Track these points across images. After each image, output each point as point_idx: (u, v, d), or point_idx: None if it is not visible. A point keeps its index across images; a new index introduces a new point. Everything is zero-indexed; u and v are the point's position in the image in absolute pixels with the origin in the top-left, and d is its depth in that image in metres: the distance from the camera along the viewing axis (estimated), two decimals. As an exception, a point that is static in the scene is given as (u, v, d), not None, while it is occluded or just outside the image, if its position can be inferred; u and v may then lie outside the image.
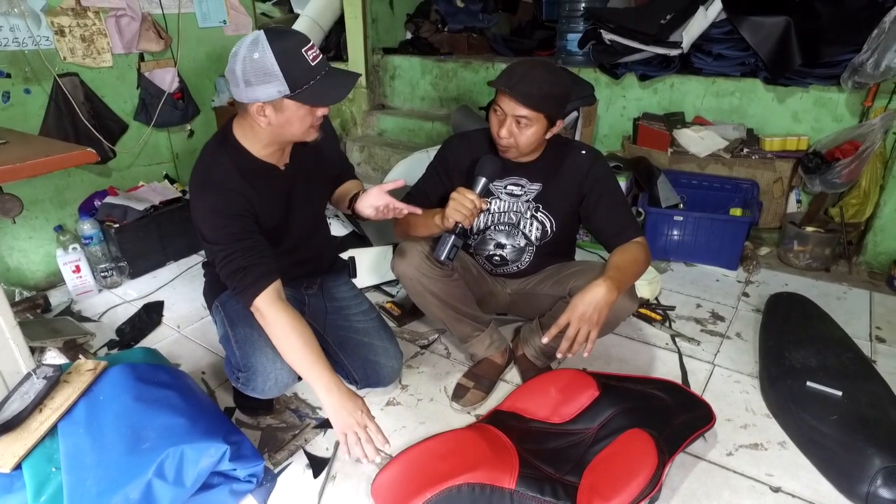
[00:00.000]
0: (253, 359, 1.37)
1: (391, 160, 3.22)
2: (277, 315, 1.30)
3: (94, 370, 1.43)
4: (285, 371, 1.38)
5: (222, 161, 1.35)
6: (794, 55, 2.32)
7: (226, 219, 1.31)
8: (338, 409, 1.28)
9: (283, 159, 1.43)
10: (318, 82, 1.23)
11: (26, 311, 2.09)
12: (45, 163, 1.33)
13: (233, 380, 1.43)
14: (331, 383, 1.30)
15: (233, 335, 1.42)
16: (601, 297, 1.32)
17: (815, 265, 2.40)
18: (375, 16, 3.44)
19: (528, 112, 1.40)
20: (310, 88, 1.22)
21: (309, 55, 1.21)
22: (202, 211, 1.32)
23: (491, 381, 1.69)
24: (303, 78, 1.21)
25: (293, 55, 1.20)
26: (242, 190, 1.33)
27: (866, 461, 1.30)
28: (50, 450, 1.24)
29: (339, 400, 1.29)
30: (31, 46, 2.11)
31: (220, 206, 1.30)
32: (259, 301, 1.30)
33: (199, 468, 1.20)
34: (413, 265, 1.52)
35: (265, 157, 1.38)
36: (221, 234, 1.31)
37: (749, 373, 1.78)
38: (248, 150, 1.36)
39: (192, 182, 1.35)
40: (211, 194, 1.31)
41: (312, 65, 1.21)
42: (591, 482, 1.25)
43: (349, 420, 1.28)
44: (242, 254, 1.30)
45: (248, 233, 1.33)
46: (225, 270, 1.31)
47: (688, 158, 2.58)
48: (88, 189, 2.42)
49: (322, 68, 1.24)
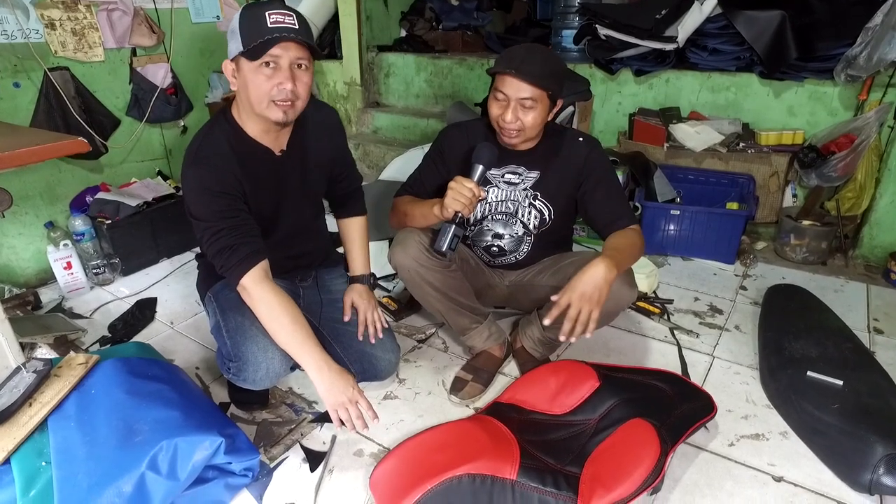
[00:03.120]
0: (244, 348, 1.35)
1: (386, 157, 3.21)
2: (264, 293, 1.29)
3: (85, 364, 1.40)
4: (276, 360, 1.36)
5: (217, 137, 1.33)
6: (789, 49, 2.33)
7: (214, 195, 1.29)
8: (329, 387, 1.29)
9: (280, 144, 1.41)
10: (266, 41, 1.19)
11: (16, 309, 2.06)
12: (35, 151, 1.30)
13: (224, 370, 1.41)
14: (321, 361, 1.29)
15: (224, 324, 1.40)
16: (601, 276, 1.31)
17: (812, 259, 2.41)
18: (370, 13, 3.42)
19: (534, 91, 1.39)
20: (256, 46, 1.19)
21: (270, 17, 1.19)
22: (191, 186, 1.30)
23: (489, 374, 1.67)
24: (255, 36, 1.19)
25: (254, 16, 1.20)
26: (232, 168, 1.32)
27: (869, 449, 1.28)
28: (40, 444, 1.21)
29: (329, 377, 1.29)
30: (20, 39, 2.08)
31: (209, 181, 1.28)
32: (246, 280, 1.28)
33: (193, 461, 1.18)
34: (411, 256, 1.50)
35: (259, 138, 1.36)
36: (209, 211, 1.29)
37: (748, 364, 1.77)
38: (242, 128, 1.35)
39: (185, 157, 1.33)
40: (201, 169, 1.29)
41: (269, 25, 1.19)
42: (593, 472, 1.23)
43: (341, 397, 1.29)
44: (229, 232, 1.28)
45: (236, 211, 1.31)
46: (212, 248, 1.29)
47: (684, 153, 2.58)
48: (80, 185, 2.39)
49: (281, 31, 1.19)
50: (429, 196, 1.60)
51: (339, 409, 1.29)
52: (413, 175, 1.68)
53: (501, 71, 1.40)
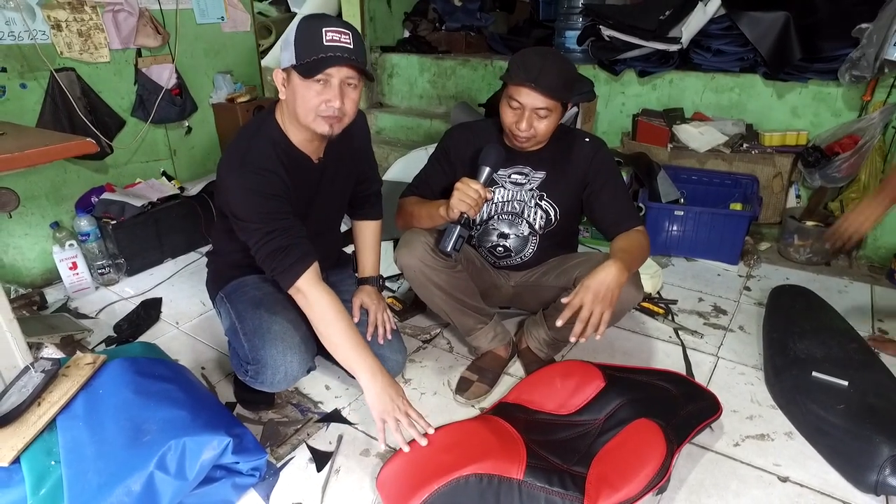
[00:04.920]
0: (262, 352, 1.35)
1: (389, 158, 3.21)
2: (320, 296, 1.29)
3: (93, 364, 1.41)
4: (296, 363, 1.36)
5: (261, 144, 1.33)
6: (792, 50, 2.33)
7: (264, 198, 1.28)
8: (380, 395, 1.28)
9: (318, 153, 1.41)
10: (320, 60, 1.19)
11: (22, 309, 2.06)
12: (44, 152, 1.31)
13: (241, 373, 1.41)
14: (375, 367, 1.29)
15: (241, 327, 1.40)
16: (613, 277, 1.31)
17: (816, 259, 2.41)
18: (373, 14, 3.44)
19: (550, 102, 1.40)
20: (311, 63, 1.19)
21: (327, 35, 1.19)
22: (240, 191, 1.29)
23: (495, 374, 1.68)
24: (310, 51, 1.19)
25: (311, 30, 1.20)
26: (279, 173, 1.31)
27: (875, 450, 1.29)
28: (49, 443, 1.22)
29: (382, 385, 1.28)
30: (27, 41, 2.09)
31: (260, 185, 1.28)
32: (301, 282, 1.28)
33: (201, 461, 1.18)
34: (417, 257, 1.51)
35: (301, 146, 1.37)
36: (260, 214, 1.28)
37: (753, 364, 1.77)
38: (285, 133, 1.35)
39: (228, 162, 1.32)
40: (250, 174, 1.28)
41: (325, 43, 1.19)
42: (599, 472, 1.23)
43: (391, 406, 1.28)
44: (282, 234, 1.28)
45: (286, 213, 1.31)
46: (263, 251, 1.28)
47: (687, 154, 2.58)
48: (85, 185, 2.40)
49: (336, 51, 1.19)
50: (434, 197, 1.60)
51: (388, 419, 1.27)
52: (418, 176, 1.68)
53: (519, 83, 1.40)
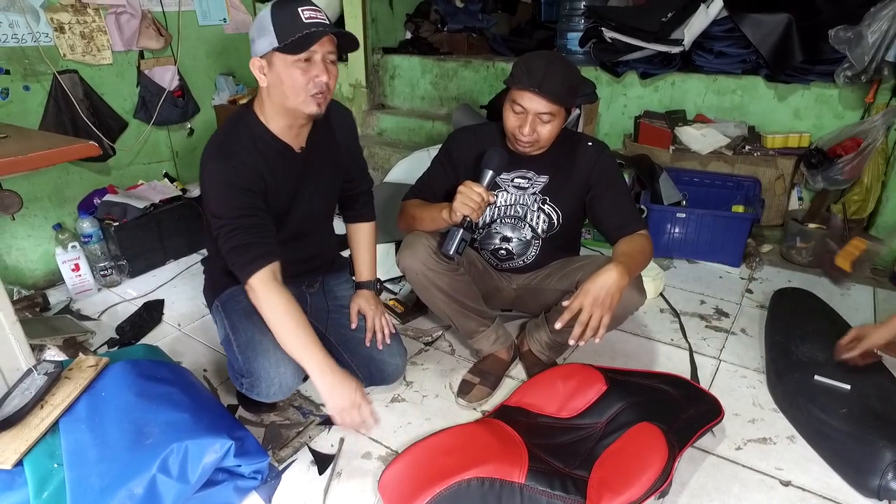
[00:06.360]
0: (255, 364, 1.34)
1: (391, 160, 3.21)
2: (270, 294, 1.29)
3: (95, 366, 1.41)
4: (289, 375, 1.36)
5: (239, 134, 1.34)
6: (795, 52, 2.33)
7: (235, 191, 1.29)
8: (331, 391, 1.28)
9: (299, 142, 1.42)
10: (305, 36, 1.20)
11: (25, 310, 2.07)
12: (47, 155, 1.32)
13: (237, 384, 1.41)
14: (324, 365, 1.29)
15: (234, 339, 1.40)
16: (613, 282, 1.31)
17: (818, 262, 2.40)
18: (375, 15, 3.43)
19: (553, 107, 1.40)
20: (295, 41, 1.20)
21: (304, 13, 1.21)
22: (212, 182, 1.30)
23: (496, 377, 1.68)
24: (291, 31, 1.20)
25: (287, 11, 1.21)
26: (256, 164, 1.32)
27: (877, 454, 1.28)
28: (52, 446, 1.22)
29: (331, 381, 1.29)
30: (30, 43, 2.10)
31: (232, 177, 1.29)
32: (254, 279, 1.28)
33: (203, 464, 1.19)
34: (419, 259, 1.51)
35: (281, 135, 1.37)
36: (228, 207, 1.29)
37: (755, 368, 1.77)
38: (265, 124, 1.35)
39: (206, 153, 1.33)
40: (224, 164, 1.29)
41: (304, 21, 1.20)
42: (601, 476, 1.24)
43: (343, 401, 1.29)
44: (245, 230, 1.28)
45: (255, 209, 1.31)
46: (226, 245, 1.29)
47: (689, 156, 2.58)
48: (88, 187, 2.40)
49: (315, 26, 1.21)
50: (437, 199, 1.60)
51: (343, 414, 1.29)
52: (421, 178, 1.68)
53: (523, 88, 1.39)
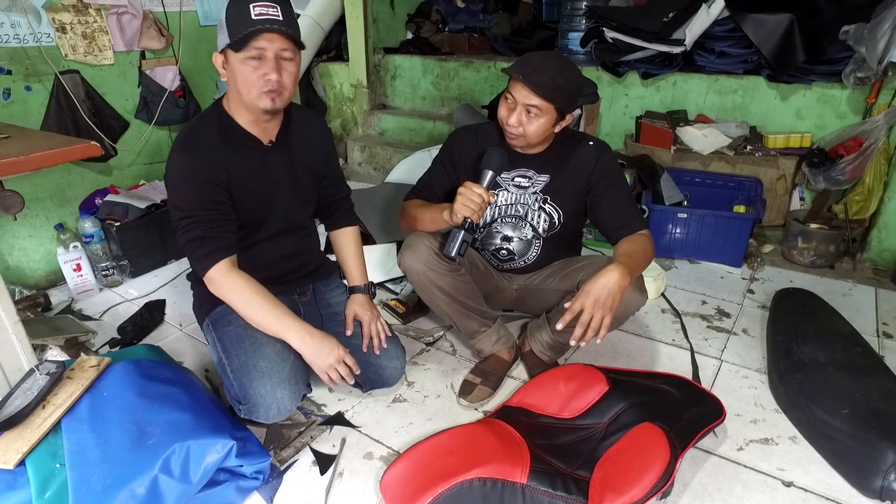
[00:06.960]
0: (251, 390, 1.33)
1: (392, 160, 3.22)
2: (232, 280, 1.31)
3: (97, 366, 1.41)
4: (286, 398, 1.35)
5: (207, 125, 1.36)
6: (797, 52, 2.32)
7: (195, 183, 1.30)
8: (315, 352, 1.34)
9: (268, 135, 1.43)
10: (250, 32, 1.21)
11: (26, 310, 2.07)
12: (49, 155, 1.32)
13: (235, 409, 1.40)
14: (302, 331, 1.34)
15: (228, 364, 1.39)
16: (614, 282, 1.31)
17: (820, 262, 2.40)
18: (376, 16, 3.43)
19: (539, 102, 1.40)
20: (241, 38, 1.21)
21: (254, 9, 1.21)
22: (176, 171, 1.32)
23: (498, 378, 1.68)
24: (240, 28, 1.21)
25: (239, 8, 1.22)
26: (220, 155, 1.33)
27: (880, 455, 1.28)
28: (54, 446, 1.22)
29: (313, 344, 1.34)
30: (32, 43, 2.10)
31: (192, 167, 1.30)
32: (213, 271, 1.30)
33: (205, 464, 1.19)
34: (420, 260, 1.51)
35: (249, 128, 1.39)
36: (189, 199, 1.30)
37: (757, 368, 1.77)
38: (233, 117, 1.37)
39: (173, 144, 1.36)
40: (186, 156, 1.31)
41: (254, 17, 1.21)
42: (603, 476, 1.23)
43: (328, 360, 1.35)
44: (203, 224, 1.30)
45: (216, 203, 1.33)
46: (184, 238, 1.31)
47: (691, 156, 2.58)
48: (89, 187, 2.41)
49: (263, 23, 1.21)
50: (438, 199, 1.60)
51: (330, 371, 1.36)
52: (422, 178, 1.68)
53: (512, 74, 1.41)
